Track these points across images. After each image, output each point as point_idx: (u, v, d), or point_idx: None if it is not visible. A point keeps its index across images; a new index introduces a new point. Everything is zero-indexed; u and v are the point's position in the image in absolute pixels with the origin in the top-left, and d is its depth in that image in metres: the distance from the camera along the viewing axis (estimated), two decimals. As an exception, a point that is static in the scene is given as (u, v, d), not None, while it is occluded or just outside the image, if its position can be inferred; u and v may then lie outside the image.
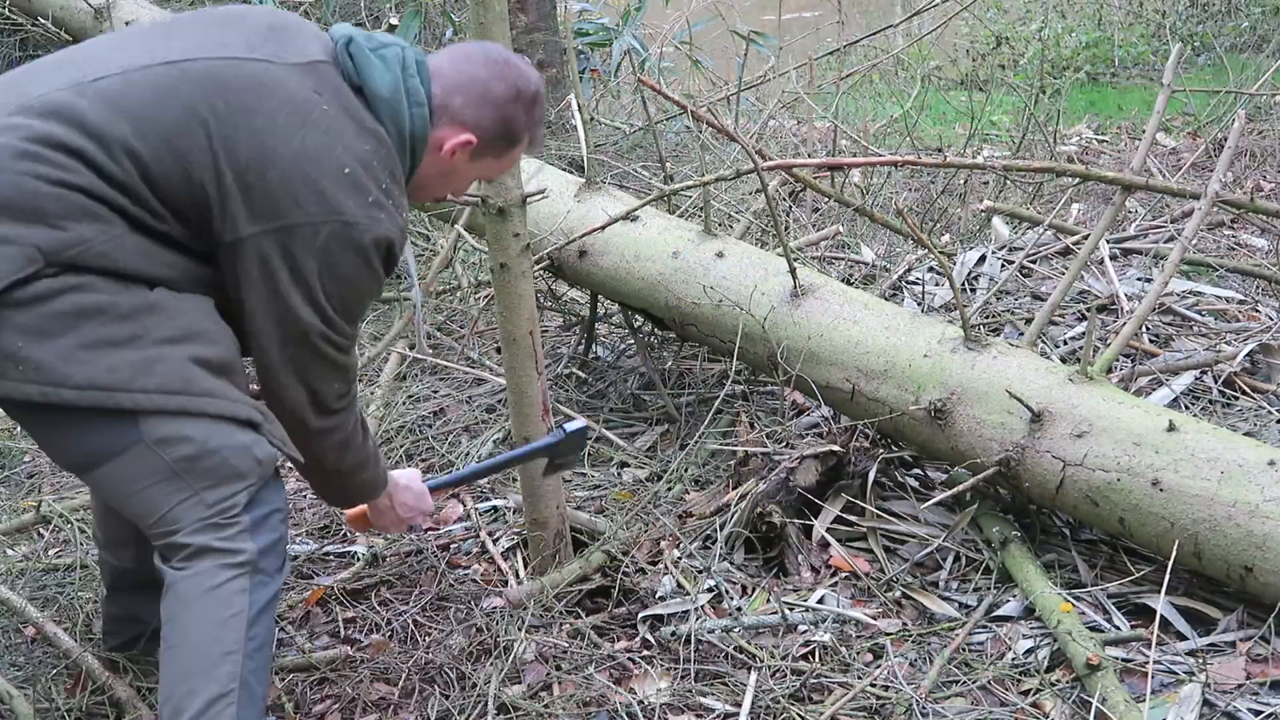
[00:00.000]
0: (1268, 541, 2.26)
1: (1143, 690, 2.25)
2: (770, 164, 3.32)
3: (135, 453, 1.86)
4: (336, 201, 1.88)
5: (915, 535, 2.81)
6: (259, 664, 1.93)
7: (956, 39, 9.98)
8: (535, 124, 2.10)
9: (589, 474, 3.29)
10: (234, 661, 1.88)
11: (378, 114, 1.96)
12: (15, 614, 2.59)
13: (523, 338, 2.57)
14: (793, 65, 6.07)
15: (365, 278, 1.96)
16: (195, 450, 1.88)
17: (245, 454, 1.92)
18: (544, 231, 3.53)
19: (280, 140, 1.86)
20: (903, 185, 5.65)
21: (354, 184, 1.90)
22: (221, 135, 1.84)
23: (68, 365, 1.79)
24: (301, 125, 1.88)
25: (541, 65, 5.99)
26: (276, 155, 1.85)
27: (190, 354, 1.88)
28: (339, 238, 1.89)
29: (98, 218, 1.81)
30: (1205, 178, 4.98)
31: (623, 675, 2.44)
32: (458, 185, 2.18)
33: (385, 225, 1.94)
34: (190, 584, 1.89)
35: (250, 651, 1.90)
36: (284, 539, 2.00)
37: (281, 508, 2.00)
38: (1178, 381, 3.22)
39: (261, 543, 1.93)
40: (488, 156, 2.09)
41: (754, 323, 3.08)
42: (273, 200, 1.86)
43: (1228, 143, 3.16)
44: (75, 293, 1.80)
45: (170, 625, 1.90)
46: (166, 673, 1.91)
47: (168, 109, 1.85)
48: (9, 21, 5.75)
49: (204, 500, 1.89)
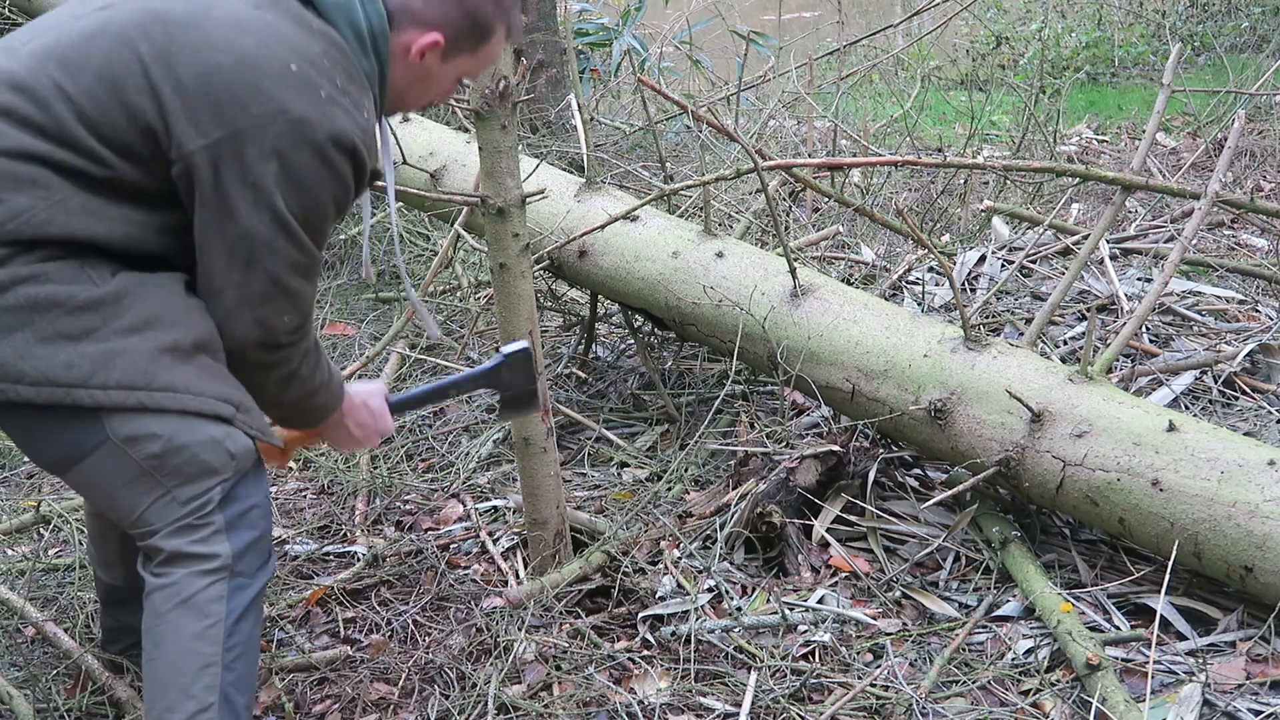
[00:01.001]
0: (1268, 541, 2.26)
1: (1143, 690, 2.25)
2: (770, 164, 3.32)
3: (105, 452, 1.81)
4: (283, 99, 1.76)
5: (915, 535, 2.81)
6: (240, 672, 1.88)
7: (956, 39, 9.99)
8: (506, 11, 1.98)
9: (589, 474, 3.30)
10: (212, 674, 1.84)
11: (330, 19, 1.86)
12: (15, 614, 2.59)
13: (522, 338, 2.57)
14: (793, 65, 6.07)
15: (324, 180, 1.82)
16: (162, 447, 1.81)
17: (216, 448, 1.85)
18: (544, 231, 3.54)
19: (221, 51, 1.76)
20: (903, 185, 5.65)
21: (302, 81, 1.78)
22: (157, 56, 1.75)
23: (22, 361, 1.73)
24: (242, 34, 1.78)
25: (541, 65, 6.00)
26: (218, 66, 1.75)
27: (155, 343, 1.79)
28: (289, 136, 1.77)
29: (33, 182, 1.73)
30: (1205, 178, 4.99)
31: (623, 675, 2.44)
32: (439, 89, 2.05)
33: (342, 121, 1.80)
34: (164, 595, 1.84)
35: (229, 662, 1.86)
36: (265, 535, 1.94)
37: (260, 502, 1.93)
38: (1178, 381, 3.22)
39: (238, 543, 1.87)
40: (462, 54, 1.98)
41: (754, 323, 3.08)
42: (217, 109, 1.75)
43: (1228, 143, 3.16)
44: (28, 285, 1.73)
45: (147, 638, 1.87)
46: (147, 689, 1.88)
47: (98, 44, 1.77)
48: (9, 22, 5.75)
49: (177, 499, 1.84)
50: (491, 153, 2.46)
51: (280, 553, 2.94)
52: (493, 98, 2.39)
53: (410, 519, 3.13)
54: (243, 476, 1.90)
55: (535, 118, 5.97)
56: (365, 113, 1.87)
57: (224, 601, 1.85)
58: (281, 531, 3.06)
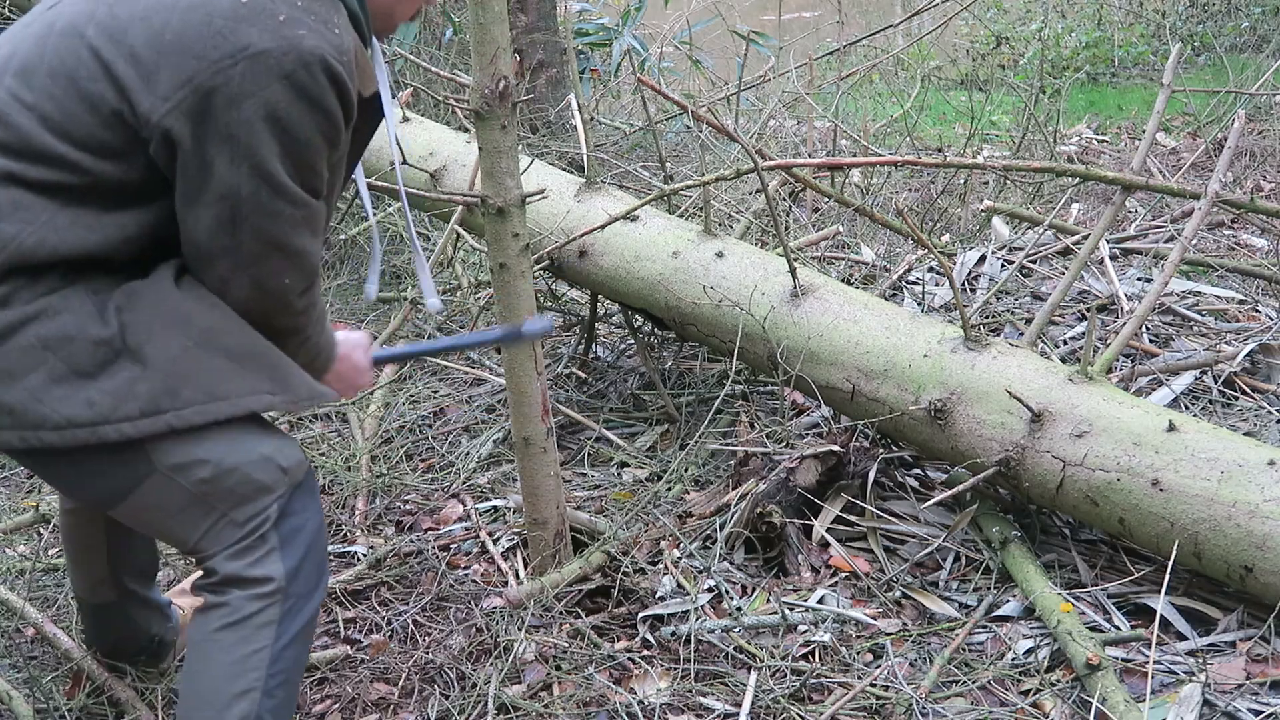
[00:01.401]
0: (1268, 541, 2.26)
1: (1143, 690, 2.25)
2: (770, 164, 3.32)
3: (154, 482, 1.74)
4: (240, 37, 1.63)
5: (915, 535, 2.81)
6: (281, 700, 1.81)
7: (956, 39, 9.99)
8: None
9: (589, 474, 3.30)
10: (250, 700, 1.78)
11: None
12: (15, 614, 2.58)
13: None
14: (793, 65, 6.07)
15: (305, 113, 1.67)
16: (212, 471, 1.75)
17: (268, 465, 1.79)
18: (544, 231, 3.54)
19: (167, 7, 1.65)
20: (903, 185, 5.65)
21: (255, 11, 1.65)
22: (105, 37, 1.65)
23: (41, 405, 1.65)
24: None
25: (541, 65, 6.00)
26: (165, 23, 1.64)
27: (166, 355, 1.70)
28: (255, 75, 1.63)
29: (16, 207, 1.64)
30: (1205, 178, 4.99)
31: (623, 675, 2.44)
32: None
33: (309, 41, 1.66)
34: (218, 614, 1.79)
35: (271, 689, 1.79)
36: (319, 549, 1.86)
37: (315, 516, 1.86)
38: (1178, 381, 3.22)
39: (291, 562, 1.80)
40: None
41: (754, 323, 3.08)
42: (174, 65, 1.63)
43: (1228, 143, 3.16)
44: (37, 323, 1.65)
45: (193, 652, 1.81)
46: (182, 702, 1.83)
47: (48, 44, 1.68)
48: (9, 21, 5.75)
49: (234, 520, 1.78)
50: (491, 153, 2.46)
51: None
52: (493, 98, 2.39)
53: (410, 519, 3.13)
54: (296, 489, 1.84)
55: (535, 118, 5.97)
56: (336, 29, 1.72)
57: (274, 627, 1.79)
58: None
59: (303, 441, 3.54)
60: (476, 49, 2.36)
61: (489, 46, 2.35)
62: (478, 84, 2.39)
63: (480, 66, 2.37)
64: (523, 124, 5.75)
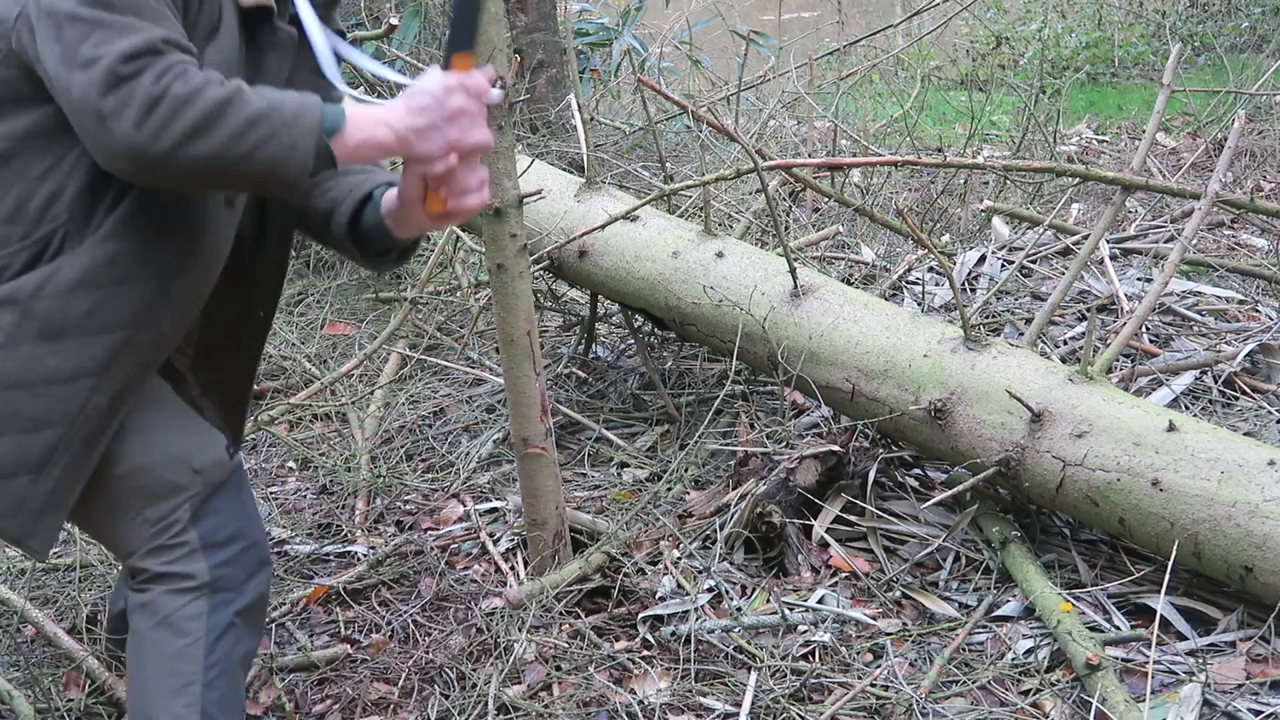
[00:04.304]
0: (1268, 541, 2.26)
1: (1143, 690, 2.25)
2: (770, 164, 3.33)
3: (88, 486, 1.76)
4: None
5: (915, 535, 2.81)
6: (224, 691, 1.80)
7: (956, 39, 9.99)
8: None
9: (589, 474, 3.30)
10: (191, 693, 1.77)
11: None
12: (15, 614, 2.59)
13: (520, 338, 2.57)
14: (793, 65, 6.07)
15: None
16: (126, 469, 1.77)
17: (178, 465, 1.79)
18: (544, 231, 3.54)
19: None
20: (903, 185, 5.65)
21: None
22: None
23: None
24: None
25: (541, 65, 5.99)
26: None
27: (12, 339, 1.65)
28: None
29: None
30: (1205, 178, 4.98)
31: (623, 675, 2.44)
32: None
33: None
34: (143, 614, 1.79)
35: (211, 680, 1.78)
36: (251, 546, 1.85)
37: (239, 515, 1.84)
38: (1178, 381, 3.22)
39: (216, 559, 1.79)
40: None
41: (754, 323, 3.08)
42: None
43: (1228, 143, 3.16)
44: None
45: (130, 657, 1.83)
46: (130, 707, 1.84)
47: None
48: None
49: (147, 519, 1.78)
50: (488, 153, 2.45)
51: (280, 553, 2.94)
52: (492, 98, 2.39)
53: (410, 519, 3.13)
54: (215, 490, 1.82)
55: (535, 118, 5.96)
56: None
57: (203, 619, 1.78)
58: (281, 531, 3.06)
59: (303, 441, 3.54)
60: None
61: (485, 46, 2.35)
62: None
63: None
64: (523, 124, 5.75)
